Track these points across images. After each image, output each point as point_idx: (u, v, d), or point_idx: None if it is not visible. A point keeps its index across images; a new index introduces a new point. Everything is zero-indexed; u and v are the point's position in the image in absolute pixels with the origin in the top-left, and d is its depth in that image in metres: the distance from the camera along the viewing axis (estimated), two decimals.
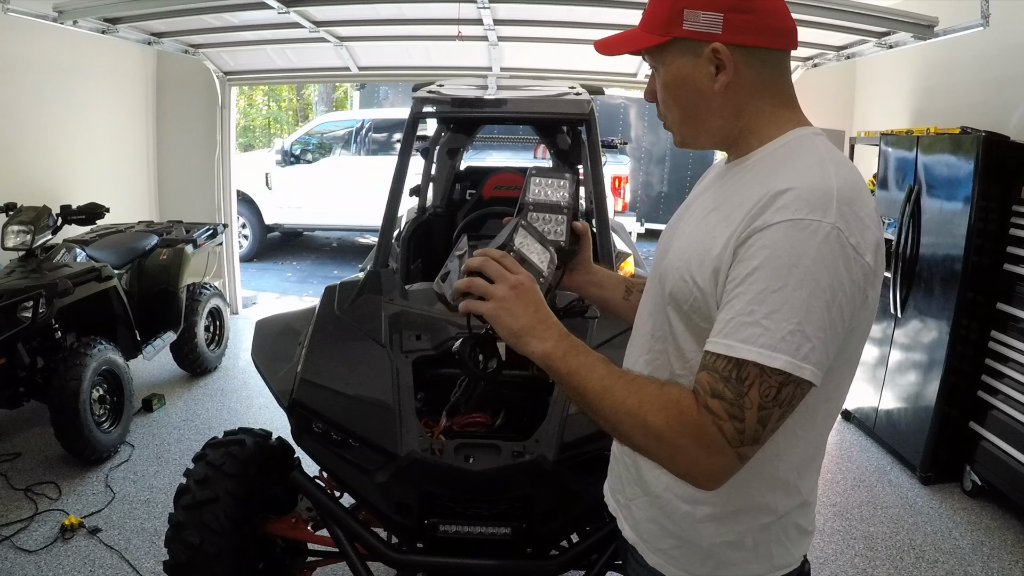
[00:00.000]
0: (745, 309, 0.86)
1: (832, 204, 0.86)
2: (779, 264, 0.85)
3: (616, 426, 0.94)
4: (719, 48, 0.96)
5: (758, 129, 1.00)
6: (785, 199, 0.87)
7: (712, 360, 0.89)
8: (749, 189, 0.94)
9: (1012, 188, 3.19)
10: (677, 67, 1.00)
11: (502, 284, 0.99)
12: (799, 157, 0.95)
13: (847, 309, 0.87)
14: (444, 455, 1.78)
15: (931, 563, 2.91)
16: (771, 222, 0.87)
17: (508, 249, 1.04)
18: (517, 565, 1.81)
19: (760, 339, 0.85)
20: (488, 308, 0.99)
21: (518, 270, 1.02)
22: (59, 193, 4.23)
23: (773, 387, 0.86)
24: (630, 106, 9.85)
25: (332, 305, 2.30)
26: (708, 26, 0.95)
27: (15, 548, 2.77)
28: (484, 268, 1.01)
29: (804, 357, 0.85)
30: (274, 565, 2.23)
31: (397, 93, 11.80)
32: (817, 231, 0.85)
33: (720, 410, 0.87)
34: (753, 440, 0.88)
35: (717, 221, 0.96)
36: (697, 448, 0.88)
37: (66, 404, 3.20)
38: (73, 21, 3.80)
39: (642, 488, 1.12)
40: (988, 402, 3.30)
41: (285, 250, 9.28)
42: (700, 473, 0.90)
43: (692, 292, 0.97)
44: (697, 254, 0.97)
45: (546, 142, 3.67)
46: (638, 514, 1.14)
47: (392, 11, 4.30)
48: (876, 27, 3.74)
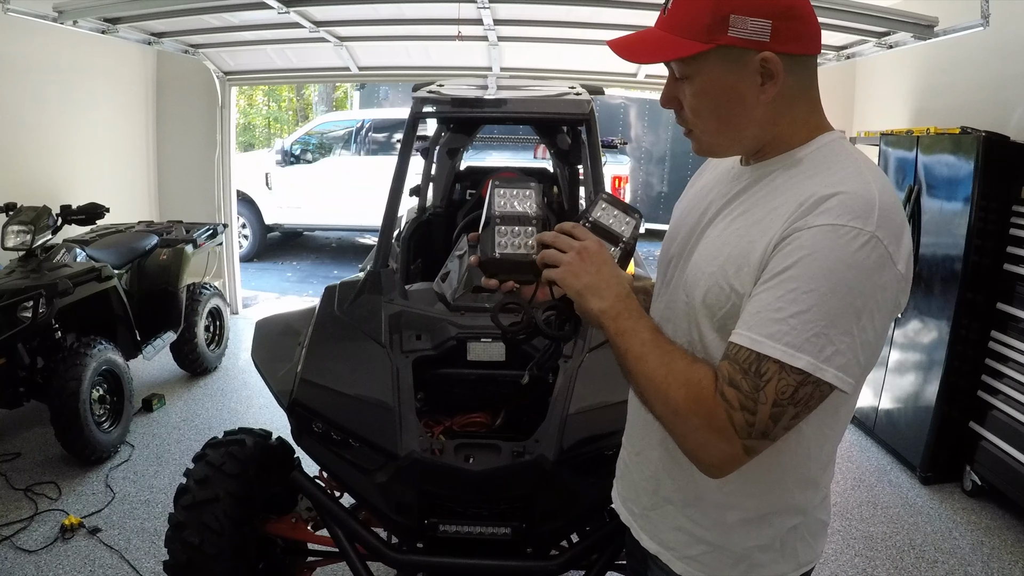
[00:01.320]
0: (774, 305, 0.87)
1: (874, 212, 0.86)
2: (815, 266, 0.86)
3: (643, 392, 0.97)
4: (770, 57, 0.91)
5: (788, 135, 0.99)
6: (830, 203, 0.88)
7: (735, 351, 0.90)
8: (786, 193, 0.94)
9: (1012, 188, 3.19)
10: (718, 76, 0.94)
11: (570, 251, 1.02)
12: (837, 162, 0.95)
13: (878, 317, 0.87)
14: (444, 455, 1.78)
15: (931, 563, 2.91)
16: (812, 224, 0.87)
17: (584, 220, 1.09)
18: (517, 565, 1.81)
19: (785, 337, 0.86)
20: (556, 272, 1.02)
21: (586, 236, 1.04)
22: (59, 193, 4.23)
23: (791, 386, 0.86)
24: (630, 106, 9.85)
25: (332, 305, 2.30)
26: (756, 34, 0.91)
27: (15, 548, 2.77)
28: (555, 241, 1.04)
29: (827, 359, 0.85)
30: (274, 565, 2.23)
31: (397, 93, 11.79)
32: (857, 238, 0.85)
33: (734, 399, 0.88)
34: (762, 435, 0.88)
35: (751, 225, 0.96)
36: (707, 431, 0.90)
37: (66, 404, 3.19)
38: (73, 21, 3.80)
39: (665, 498, 1.12)
40: (988, 402, 3.30)
41: (285, 250, 9.28)
42: (707, 456, 0.91)
43: (729, 299, 0.96)
44: (734, 260, 0.96)
45: (546, 142, 3.67)
46: (660, 523, 1.13)
47: (392, 11, 4.30)
48: (876, 27, 3.74)
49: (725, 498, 1.04)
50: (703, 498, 1.06)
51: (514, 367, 2.06)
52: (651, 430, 1.10)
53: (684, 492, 1.08)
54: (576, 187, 3.59)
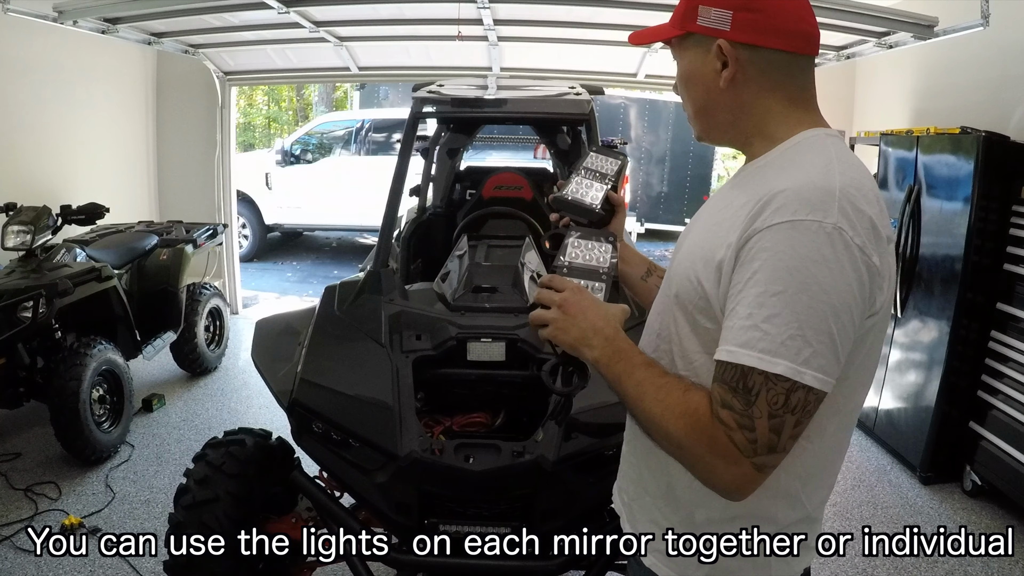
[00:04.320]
0: (744, 312, 0.86)
1: (833, 203, 0.84)
2: (779, 267, 0.84)
3: (648, 431, 0.99)
4: (722, 44, 0.98)
5: (769, 129, 1.01)
6: (783, 198, 0.86)
7: (721, 371, 0.89)
8: (750, 190, 0.94)
9: (1012, 188, 3.19)
10: (689, 61, 1.04)
11: (553, 308, 1.05)
12: (805, 156, 0.94)
13: (855, 311, 0.85)
14: (444, 455, 1.78)
15: (931, 563, 2.91)
16: (771, 223, 0.86)
17: (558, 268, 1.12)
18: (517, 565, 1.81)
19: (759, 343, 0.84)
20: (546, 332, 1.06)
21: (564, 286, 1.07)
22: (59, 193, 4.23)
23: (780, 394, 0.84)
24: (630, 106, 9.85)
25: (332, 305, 2.30)
26: (717, 23, 0.98)
27: (15, 548, 2.76)
28: (539, 299, 1.08)
29: (804, 362, 0.83)
30: (274, 565, 2.23)
31: (397, 93, 11.80)
32: (818, 232, 0.83)
33: (730, 420, 0.87)
34: (768, 449, 0.86)
35: (720, 222, 0.97)
36: (713, 457, 0.88)
37: (66, 404, 3.19)
38: (73, 21, 3.80)
39: (645, 489, 1.12)
40: (988, 402, 3.30)
41: (285, 250, 9.28)
42: (720, 482, 0.90)
43: (697, 292, 0.97)
44: (703, 254, 0.97)
45: (546, 142, 3.67)
46: (640, 514, 1.13)
47: (392, 11, 4.30)
48: (876, 27, 3.74)
49: (693, 495, 1.02)
50: (674, 493, 1.05)
51: (514, 367, 2.06)
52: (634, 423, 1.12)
53: (658, 484, 1.08)
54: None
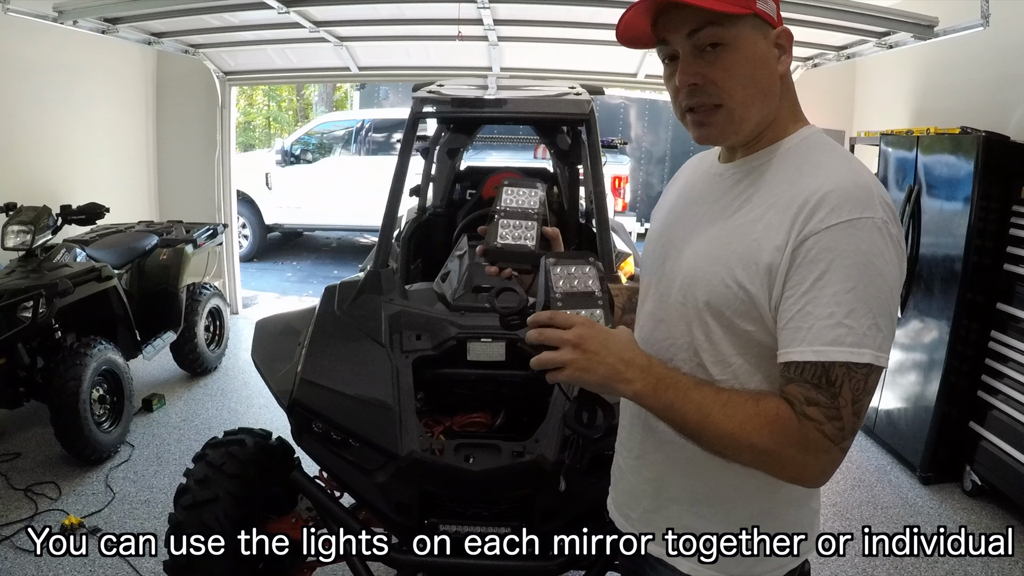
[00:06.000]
0: (823, 313, 0.90)
1: (874, 199, 0.91)
2: (847, 264, 0.89)
3: (721, 451, 0.96)
4: (786, 31, 1.00)
5: (783, 122, 1.04)
6: (834, 199, 0.91)
7: (799, 370, 0.92)
8: (779, 188, 0.97)
9: (1012, 188, 3.18)
10: (754, 42, 0.98)
11: (565, 348, 0.94)
12: (824, 156, 0.99)
13: (897, 294, 0.93)
14: (444, 455, 1.78)
15: (931, 563, 2.91)
16: (828, 224, 0.90)
17: (552, 302, 1.00)
18: (517, 565, 1.81)
19: (847, 339, 0.89)
20: (566, 375, 0.94)
21: (571, 322, 0.95)
22: (59, 193, 4.23)
23: (860, 380, 0.90)
24: (630, 106, 9.84)
25: (332, 305, 2.30)
26: (773, 11, 1.00)
27: (15, 548, 2.76)
28: (541, 339, 0.96)
29: (879, 346, 0.90)
30: (274, 565, 2.23)
31: (397, 93, 11.79)
32: (871, 227, 0.90)
33: (819, 415, 0.90)
34: (852, 432, 0.92)
35: (752, 223, 0.98)
36: (804, 455, 0.92)
37: (66, 404, 3.19)
38: (73, 21, 3.80)
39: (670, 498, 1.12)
40: (988, 402, 3.30)
41: (285, 250, 9.28)
42: (809, 475, 0.94)
43: (738, 297, 0.97)
44: (739, 258, 0.97)
45: (546, 142, 3.67)
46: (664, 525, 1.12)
47: (392, 11, 4.30)
48: (876, 27, 3.74)
49: (734, 494, 1.06)
50: (714, 495, 1.07)
51: (514, 367, 2.06)
52: (653, 434, 1.10)
53: (693, 491, 1.09)
54: (576, 187, 3.59)
